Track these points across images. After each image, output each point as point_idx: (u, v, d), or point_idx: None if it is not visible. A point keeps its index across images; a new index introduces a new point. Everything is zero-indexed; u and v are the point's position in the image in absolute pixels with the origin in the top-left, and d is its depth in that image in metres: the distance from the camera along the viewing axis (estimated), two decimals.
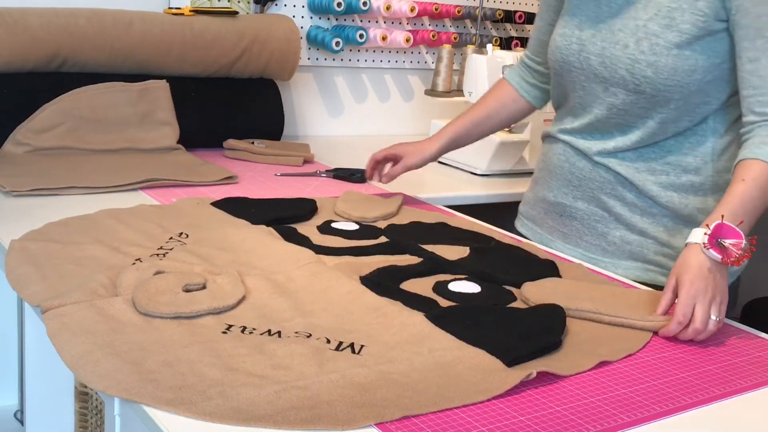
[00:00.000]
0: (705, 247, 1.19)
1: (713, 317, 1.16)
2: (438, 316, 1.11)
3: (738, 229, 1.19)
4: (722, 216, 1.20)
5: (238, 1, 2.36)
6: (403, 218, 1.61)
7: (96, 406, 1.85)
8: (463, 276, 1.30)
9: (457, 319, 1.10)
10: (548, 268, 1.36)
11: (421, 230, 1.53)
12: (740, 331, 1.23)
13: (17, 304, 2.11)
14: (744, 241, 1.18)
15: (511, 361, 1.01)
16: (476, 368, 0.99)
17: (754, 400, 1.02)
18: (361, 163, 2.15)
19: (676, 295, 1.18)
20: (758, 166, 1.28)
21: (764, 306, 2.94)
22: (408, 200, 1.80)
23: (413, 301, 1.17)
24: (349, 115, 2.66)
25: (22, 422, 2.10)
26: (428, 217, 1.62)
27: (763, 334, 1.23)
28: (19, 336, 2.13)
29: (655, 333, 1.17)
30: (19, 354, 2.15)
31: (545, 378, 1.00)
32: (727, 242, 1.18)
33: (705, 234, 1.19)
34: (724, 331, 1.22)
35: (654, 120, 1.42)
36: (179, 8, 2.17)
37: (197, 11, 2.14)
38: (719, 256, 1.18)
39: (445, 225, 1.57)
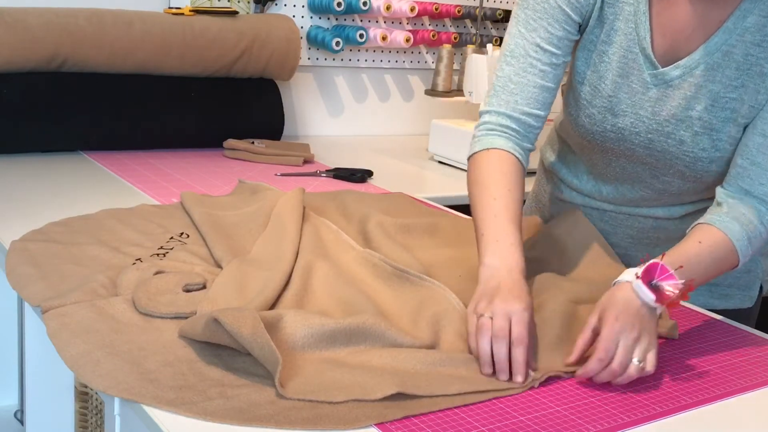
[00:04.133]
0: (636, 282, 1.04)
1: (635, 360, 1.00)
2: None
3: (673, 272, 1.04)
4: (662, 256, 1.08)
5: (238, 1, 2.36)
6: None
7: (96, 406, 1.85)
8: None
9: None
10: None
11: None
12: (740, 331, 1.23)
13: (17, 304, 2.11)
14: (680, 282, 1.04)
15: None
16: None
17: (754, 400, 1.02)
18: (361, 163, 2.16)
19: (596, 335, 1.03)
20: (721, 239, 1.15)
21: (764, 306, 2.94)
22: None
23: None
24: (349, 115, 2.66)
25: (22, 422, 2.10)
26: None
27: (762, 334, 1.23)
28: (19, 336, 2.13)
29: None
30: (19, 354, 2.15)
31: (545, 378, 1.00)
32: (662, 283, 1.04)
33: (636, 275, 1.05)
34: (724, 331, 1.22)
35: (708, 193, 1.29)
36: (179, 8, 2.17)
37: (197, 11, 2.14)
38: (652, 296, 1.03)
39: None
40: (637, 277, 1.04)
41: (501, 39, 2.80)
